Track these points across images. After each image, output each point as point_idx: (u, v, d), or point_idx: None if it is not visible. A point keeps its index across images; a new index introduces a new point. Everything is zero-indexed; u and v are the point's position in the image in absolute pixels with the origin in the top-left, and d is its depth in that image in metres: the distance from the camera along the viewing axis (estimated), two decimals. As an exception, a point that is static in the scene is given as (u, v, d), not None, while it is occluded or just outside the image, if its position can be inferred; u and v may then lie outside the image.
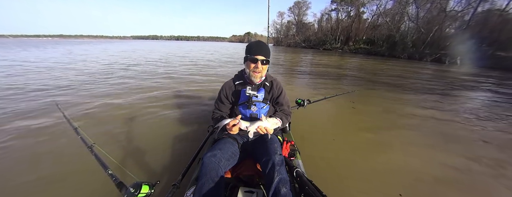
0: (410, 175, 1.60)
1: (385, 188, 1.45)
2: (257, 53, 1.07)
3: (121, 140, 2.01)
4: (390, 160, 1.82)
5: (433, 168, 1.72)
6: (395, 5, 23.95)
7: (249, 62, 1.09)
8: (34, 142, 1.94)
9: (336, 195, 1.29)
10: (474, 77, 7.77)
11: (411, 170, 1.68)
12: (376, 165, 1.72)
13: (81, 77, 5.17)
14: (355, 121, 2.79)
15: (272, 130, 1.01)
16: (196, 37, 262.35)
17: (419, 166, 1.73)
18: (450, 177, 1.61)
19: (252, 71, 1.10)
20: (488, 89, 5.43)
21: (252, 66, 1.08)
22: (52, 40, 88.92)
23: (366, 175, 1.58)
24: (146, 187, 0.74)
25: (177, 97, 3.65)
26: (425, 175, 1.61)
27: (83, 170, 1.54)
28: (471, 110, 3.47)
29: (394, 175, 1.60)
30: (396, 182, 1.52)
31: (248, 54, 1.09)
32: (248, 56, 1.09)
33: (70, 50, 15.37)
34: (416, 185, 1.51)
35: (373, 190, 1.42)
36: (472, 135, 2.42)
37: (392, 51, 19.83)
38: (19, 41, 41.19)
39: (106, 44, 31.64)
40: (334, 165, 1.71)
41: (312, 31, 40.88)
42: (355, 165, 1.72)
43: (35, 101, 3.16)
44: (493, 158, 1.90)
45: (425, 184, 1.52)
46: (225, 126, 0.99)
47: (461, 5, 17.55)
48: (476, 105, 3.82)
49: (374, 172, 1.63)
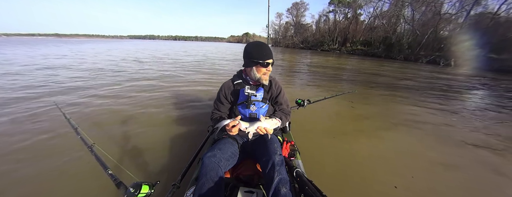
0: (410, 175, 1.62)
1: (385, 188, 1.47)
2: (266, 58, 1.06)
3: (121, 140, 2.00)
4: (390, 160, 1.84)
5: (432, 167, 1.75)
6: (392, 8, 24.32)
7: (260, 67, 1.07)
8: (34, 142, 1.91)
9: (336, 195, 1.30)
10: (467, 78, 7.94)
11: (411, 169, 1.70)
12: (377, 165, 1.74)
13: (81, 77, 5.10)
14: (355, 121, 2.81)
15: (272, 130, 1.01)
16: (194, 37, 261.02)
17: (419, 167, 1.75)
18: (448, 173, 1.65)
19: (263, 74, 1.10)
20: (481, 90, 5.56)
21: (263, 70, 1.08)
22: (47, 39, 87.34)
23: (366, 175, 1.59)
24: (146, 187, 0.74)
25: (177, 97, 3.63)
26: (425, 175, 1.63)
27: (83, 170, 1.52)
28: (464, 109, 3.55)
29: (394, 174, 1.62)
30: (396, 182, 1.54)
31: (255, 59, 1.06)
32: (257, 62, 1.06)
33: (76, 49, 15.11)
34: (415, 183, 1.53)
35: (373, 190, 1.44)
36: (465, 133, 2.48)
37: (389, 53, 20.10)
38: (19, 40, 40.30)
39: (107, 43, 31.27)
40: (334, 165, 1.72)
41: (310, 32, 41.14)
42: (355, 165, 1.73)
43: (35, 101, 3.11)
44: (492, 154, 1.96)
45: (423, 182, 1.54)
46: (225, 127, 0.99)
47: (455, 8, 17.99)
48: (469, 105, 3.92)
49: (375, 171, 1.64)
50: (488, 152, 2.07)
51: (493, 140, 2.34)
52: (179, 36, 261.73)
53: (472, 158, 1.94)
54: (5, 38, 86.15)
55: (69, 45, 22.13)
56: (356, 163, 1.75)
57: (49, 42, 30.07)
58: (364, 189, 1.44)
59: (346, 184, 1.48)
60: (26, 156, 1.70)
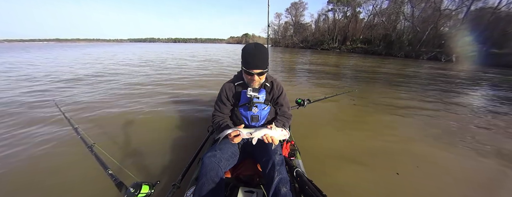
0: (411, 176, 1.60)
1: (386, 187, 1.45)
2: (253, 67, 0.99)
3: (121, 140, 2.01)
4: (390, 160, 1.82)
5: (437, 170, 1.71)
6: (391, 5, 24.19)
7: (245, 74, 1.05)
8: (34, 142, 1.93)
9: (336, 195, 1.29)
10: (470, 74, 7.88)
11: (412, 169, 1.68)
12: (377, 165, 1.72)
13: (82, 77, 5.14)
14: (356, 120, 2.79)
15: (278, 141, 0.94)
16: (193, 39, 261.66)
17: (421, 168, 1.72)
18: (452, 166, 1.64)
19: (249, 81, 1.07)
20: (485, 85, 5.51)
21: (248, 77, 1.05)
22: (47, 44, 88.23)
23: (367, 175, 1.58)
24: (146, 187, 0.74)
25: (178, 97, 3.64)
26: (431, 182, 1.61)
27: (83, 170, 1.53)
28: (467, 105, 3.53)
29: (395, 174, 1.61)
30: (397, 181, 1.52)
31: (244, 67, 1.01)
32: (244, 69, 1.02)
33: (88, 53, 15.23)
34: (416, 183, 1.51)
35: (374, 190, 1.43)
36: (467, 127, 2.50)
37: (389, 50, 20.01)
38: (26, 46, 40.73)
39: (110, 47, 31.50)
40: (334, 164, 1.71)
41: (310, 31, 41.10)
42: (356, 165, 1.71)
43: (35, 100, 3.15)
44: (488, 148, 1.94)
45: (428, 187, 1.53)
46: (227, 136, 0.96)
47: (455, 3, 17.84)
48: (472, 100, 3.89)
49: (375, 171, 1.63)
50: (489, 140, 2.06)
51: (495, 128, 2.32)
52: (179, 39, 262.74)
53: (476, 149, 1.94)
54: (7, 44, 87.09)
55: (74, 49, 22.34)
56: (356, 163, 1.74)
57: (55, 47, 30.35)
58: (365, 189, 1.43)
59: (346, 184, 1.47)
60: (26, 156, 1.72)
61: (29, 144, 1.90)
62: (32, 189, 1.37)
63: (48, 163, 1.63)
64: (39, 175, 1.49)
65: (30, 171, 1.53)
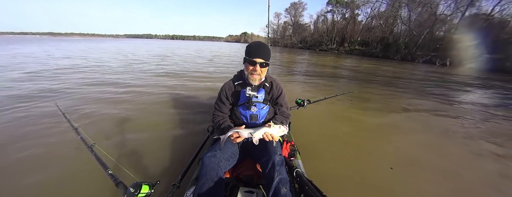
0: (411, 176, 1.63)
1: (385, 187, 1.48)
2: (256, 56, 1.03)
3: (121, 140, 1.99)
4: (390, 159, 1.84)
5: (434, 171, 1.74)
6: (389, 8, 24.53)
7: (248, 64, 1.07)
8: (34, 143, 1.89)
9: (336, 195, 1.30)
10: (462, 78, 8.09)
11: (412, 169, 1.71)
12: (377, 165, 1.75)
13: (82, 77, 5.03)
14: (355, 121, 2.82)
15: (278, 138, 0.99)
16: (192, 36, 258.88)
17: (421, 168, 1.75)
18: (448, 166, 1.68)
19: (250, 73, 1.08)
20: (476, 88, 5.67)
21: (250, 68, 1.06)
22: (40, 37, 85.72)
23: (367, 175, 1.60)
24: (146, 187, 0.74)
25: (178, 96, 3.61)
26: (429, 185, 1.63)
27: (83, 170, 1.51)
28: (460, 105, 3.66)
29: (394, 174, 1.63)
30: (396, 181, 1.55)
31: (247, 56, 1.07)
32: (246, 58, 1.07)
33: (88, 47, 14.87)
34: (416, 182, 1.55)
35: (374, 190, 1.45)
36: (460, 128, 2.58)
37: (386, 53, 20.29)
38: (21, 38, 39.32)
39: (110, 43, 30.82)
40: (334, 165, 1.73)
41: (308, 32, 41.26)
42: (356, 165, 1.73)
43: (35, 100, 3.07)
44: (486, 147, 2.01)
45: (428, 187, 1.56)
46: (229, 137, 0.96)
47: (450, 9, 18.25)
48: (464, 101, 4.01)
49: (375, 171, 1.65)
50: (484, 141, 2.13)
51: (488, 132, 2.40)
52: (176, 36, 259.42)
53: (469, 149, 2.01)
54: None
55: (71, 44, 21.79)
56: (356, 163, 1.76)
57: (51, 41, 29.46)
58: (365, 189, 1.45)
59: (346, 184, 1.49)
60: (26, 156, 1.68)
61: (29, 144, 1.86)
62: (31, 189, 1.34)
63: (48, 163, 1.60)
64: (38, 175, 1.46)
65: (29, 172, 1.50)
